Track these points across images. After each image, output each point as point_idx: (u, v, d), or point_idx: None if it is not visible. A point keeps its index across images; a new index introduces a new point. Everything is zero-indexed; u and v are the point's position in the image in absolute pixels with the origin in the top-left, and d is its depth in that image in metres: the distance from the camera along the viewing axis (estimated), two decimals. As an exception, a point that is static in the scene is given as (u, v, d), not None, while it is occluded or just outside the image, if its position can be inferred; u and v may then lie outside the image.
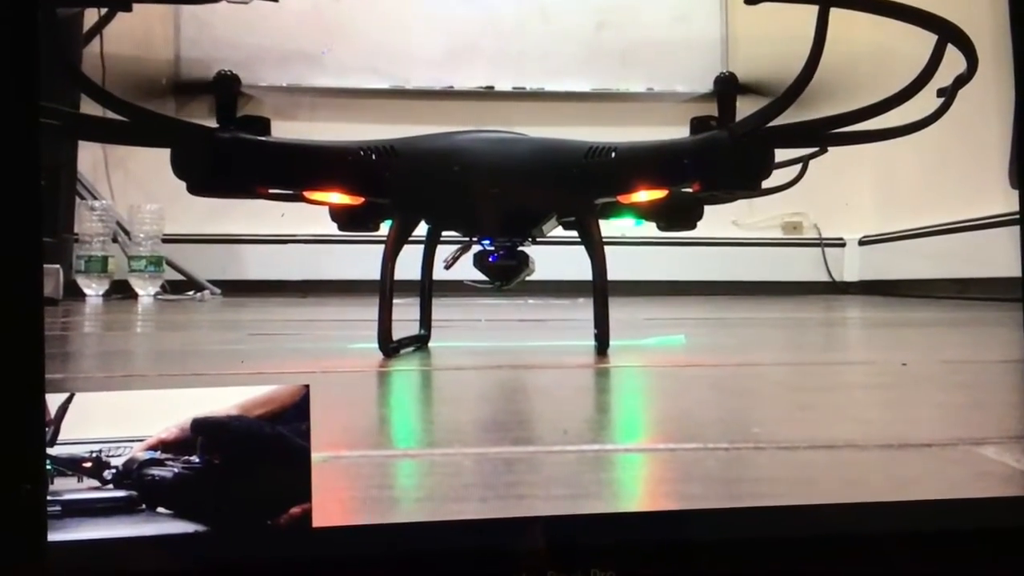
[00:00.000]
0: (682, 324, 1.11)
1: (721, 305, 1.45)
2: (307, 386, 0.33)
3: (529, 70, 1.70)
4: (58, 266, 1.36)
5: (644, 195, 0.64)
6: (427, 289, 0.73)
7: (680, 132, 0.64)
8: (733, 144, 0.60)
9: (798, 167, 0.74)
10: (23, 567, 0.30)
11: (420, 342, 0.73)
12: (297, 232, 1.76)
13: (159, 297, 1.88)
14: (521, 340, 0.97)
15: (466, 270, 0.70)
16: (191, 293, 1.94)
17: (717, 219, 0.82)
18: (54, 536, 0.30)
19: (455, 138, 0.65)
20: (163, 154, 0.62)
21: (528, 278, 0.68)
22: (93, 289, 1.96)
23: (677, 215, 0.70)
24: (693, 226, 0.70)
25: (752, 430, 0.46)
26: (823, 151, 0.70)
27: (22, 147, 0.30)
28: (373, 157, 0.63)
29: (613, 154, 0.62)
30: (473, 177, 0.63)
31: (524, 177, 0.63)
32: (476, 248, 0.68)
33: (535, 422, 0.50)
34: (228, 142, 0.62)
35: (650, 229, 0.73)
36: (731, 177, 0.62)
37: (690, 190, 0.65)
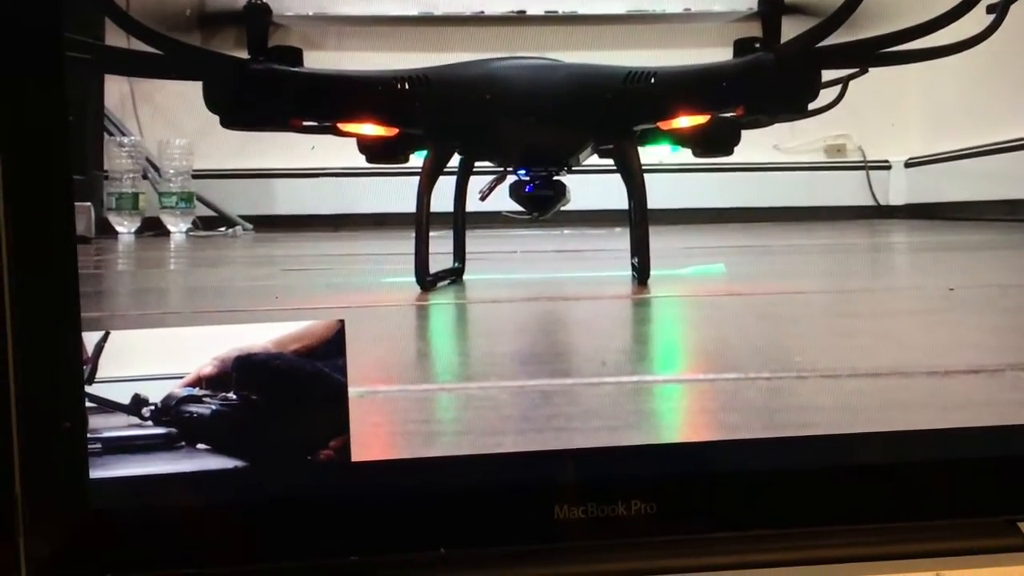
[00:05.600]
0: (722, 252, 1.09)
1: (762, 232, 1.43)
2: (342, 321, 0.32)
3: (561, -8, 1.66)
4: (89, 204, 1.37)
5: (686, 121, 0.63)
6: (461, 221, 0.73)
7: (719, 54, 0.63)
8: (779, 66, 0.58)
9: (838, 88, 0.72)
10: (66, 504, 0.30)
11: (455, 275, 0.73)
12: (328, 165, 1.74)
13: (191, 233, 1.88)
14: (558, 271, 0.96)
15: (501, 201, 0.69)
16: (223, 229, 1.94)
17: (757, 143, 0.80)
18: (95, 473, 0.30)
19: (489, 65, 0.64)
20: (190, 88, 0.62)
21: (564, 208, 0.67)
22: (125, 226, 1.97)
23: (714, 141, 0.68)
24: (730, 152, 0.68)
25: (794, 359, 0.45)
26: (864, 71, 0.68)
27: (49, 83, 0.30)
28: (406, 86, 0.62)
29: (653, 79, 0.61)
30: (508, 105, 0.62)
31: (560, 105, 0.62)
32: (511, 179, 0.67)
33: (572, 354, 0.50)
34: (261, 74, 0.62)
35: (688, 155, 0.72)
36: (777, 100, 0.60)
37: (733, 115, 0.64)
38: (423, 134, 0.65)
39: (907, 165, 1.94)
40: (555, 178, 0.65)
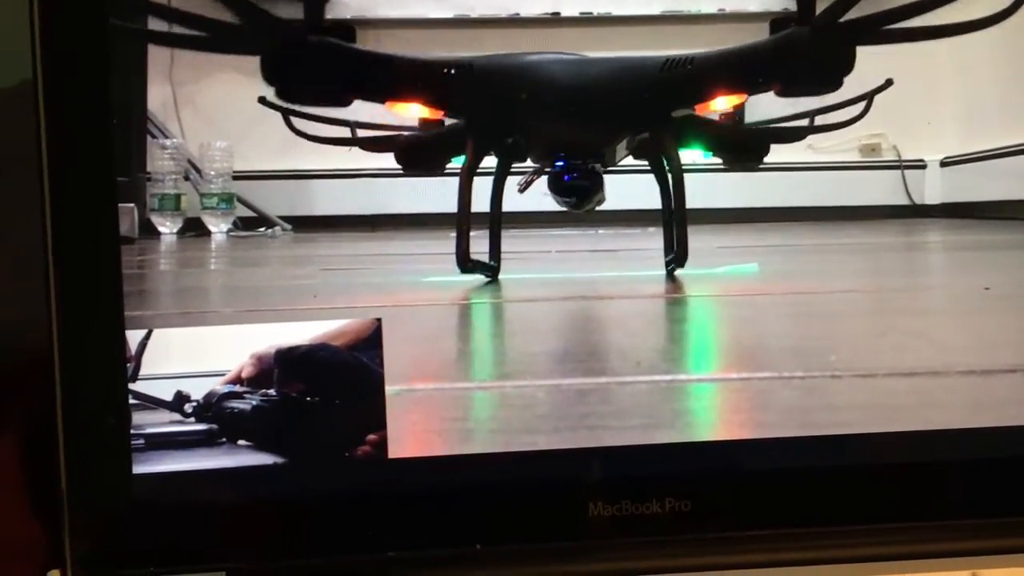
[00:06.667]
0: (756, 252, 1.09)
1: (796, 232, 1.42)
2: (379, 319, 0.33)
3: (596, -7, 1.65)
4: (133, 205, 1.38)
5: (723, 102, 0.63)
6: (497, 222, 0.73)
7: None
8: (813, 39, 0.59)
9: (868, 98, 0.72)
10: (110, 498, 0.31)
11: (491, 272, 0.73)
12: (365, 166, 1.75)
13: (231, 234, 1.90)
14: (592, 271, 0.96)
15: (540, 200, 0.69)
16: (262, 229, 1.95)
17: (791, 143, 0.80)
18: (138, 468, 0.31)
19: (529, 57, 0.65)
20: (231, 90, 0.63)
21: (599, 208, 0.67)
22: (167, 227, 1.99)
23: (743, 149, 0.69)
24: (760, 160, 0.69)
25: (829, 358, 0.45)
26: (889, 83, 0.68)
27: (94, 86, 0.30)
28: (452, 71, 0.63)
29: (690, 64, 0.61)
30: (548, 94, 0.63)
31: (600, 93, 0.63)
32: (545, 180, 0.67)
33: (607, 353, 0.50)
34: (319, 46, 0.63)
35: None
36: (811, 74, 0.61)
37: (770, 92, 0.64)
38: (465, 122, 0.66)
39: (942, 164, 1.91)
40: (592, 169, 0.65)
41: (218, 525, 0.31)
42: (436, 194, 0.74)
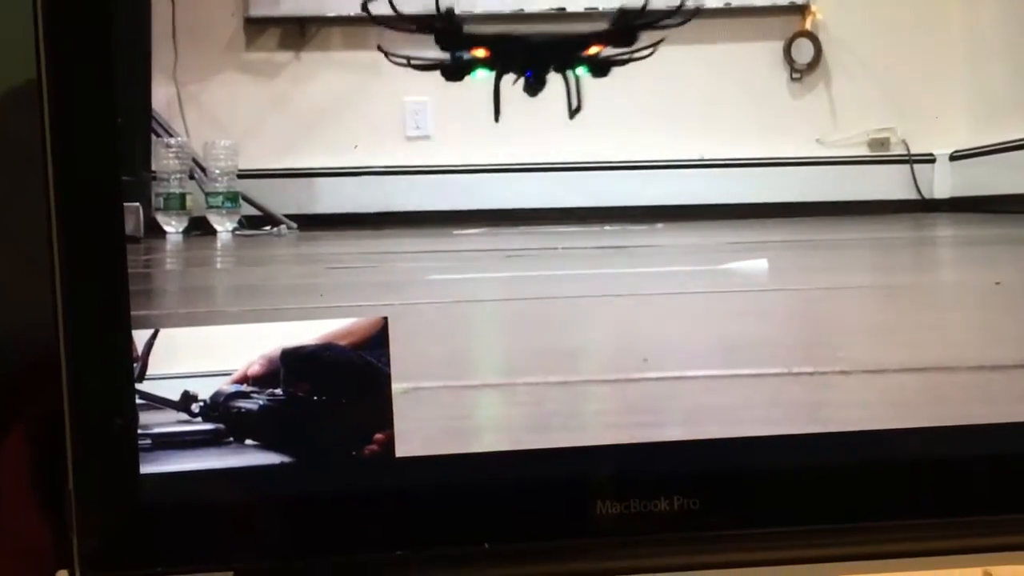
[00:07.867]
0: (765, 247, 1.09)
1: (805, 227, 1.42)
2: (386, 318, 0.33)
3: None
4: (138, 204, 1.39)
5: (594, 49, 0.93)
6: (497, 98, 0.92)
7: (760, 44, 0.75)
8: (626, 24, 0.88)
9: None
10: (118, 499, 0.31)
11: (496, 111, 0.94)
12: (371, 164, 1.76)
13: (237, 233, 1.90)
14: (598, 267, 0.96)
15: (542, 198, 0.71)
16: (268, 228, 1.96)
17: (799, 138, 0.82)
18: (146, 468, 0.31)
19: (523, 30, 0.94)
20: (236, 89, 0.65)
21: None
22: (173, 226, 1.99)
23: (600, 68, 0.97)
24: (605, 74, 0.93)
25: (838, 354, 0.45)
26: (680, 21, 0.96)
27: (99, 86, 0.30)
28: (496, 38, 0.89)
29: (589, 36, 0.91)
30: (528, 43, 0.92)
31: (547, 45, 0.94)
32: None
33: (615, 350, 0.50)
34: (458, 27, 0.90)
35: (731, 151, 0.77)
36: (625, 38, 0.90)
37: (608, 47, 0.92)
38: (495, 54, 0.89)
39: (952, 158, 1.91)
40: (545, 76, 0.94)
41: (225, 524, 0.31)
42: (441, 192, 0.76)
